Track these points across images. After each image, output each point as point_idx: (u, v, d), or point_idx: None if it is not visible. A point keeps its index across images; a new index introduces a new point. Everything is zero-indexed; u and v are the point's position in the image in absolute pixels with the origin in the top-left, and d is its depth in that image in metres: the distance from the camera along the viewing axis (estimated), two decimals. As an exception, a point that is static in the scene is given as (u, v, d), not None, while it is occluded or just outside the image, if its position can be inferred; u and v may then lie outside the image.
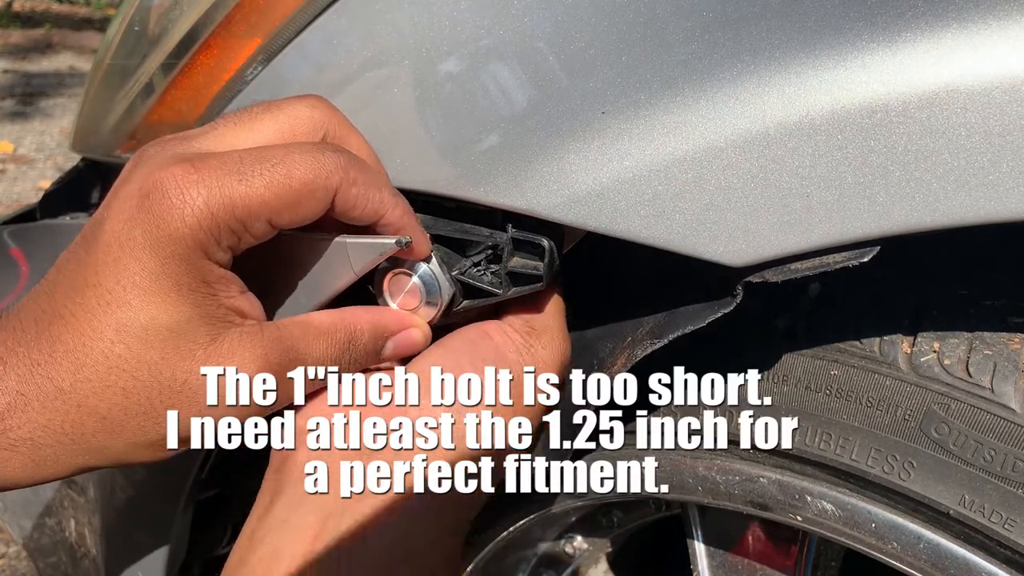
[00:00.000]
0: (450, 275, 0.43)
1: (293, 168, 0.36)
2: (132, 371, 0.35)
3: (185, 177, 0.34)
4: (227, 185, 0.35)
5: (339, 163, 0.37)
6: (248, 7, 0.48)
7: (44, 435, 0.35)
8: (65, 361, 0.35)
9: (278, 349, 0.38)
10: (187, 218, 0.34)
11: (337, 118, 0.41)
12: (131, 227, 0.34)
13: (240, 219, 0.35)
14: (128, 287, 0.34)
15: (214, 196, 0.34)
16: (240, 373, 0.36)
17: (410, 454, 0.39)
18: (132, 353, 0.35)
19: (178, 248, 0.34)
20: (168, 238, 0.34)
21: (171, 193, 0.34)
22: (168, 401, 0.36)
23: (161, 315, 0.35)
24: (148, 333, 0.35)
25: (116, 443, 0.36)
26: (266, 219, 0.36)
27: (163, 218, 0.34)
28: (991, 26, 0.31)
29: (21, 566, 1.44)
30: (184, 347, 0.35)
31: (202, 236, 0.35)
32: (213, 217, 0.35)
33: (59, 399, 0.35)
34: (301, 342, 0.39)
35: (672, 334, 0.42)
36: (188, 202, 0.34)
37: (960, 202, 0.33)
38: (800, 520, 0.47)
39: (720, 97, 0.36)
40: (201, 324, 0.36)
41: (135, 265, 0.34)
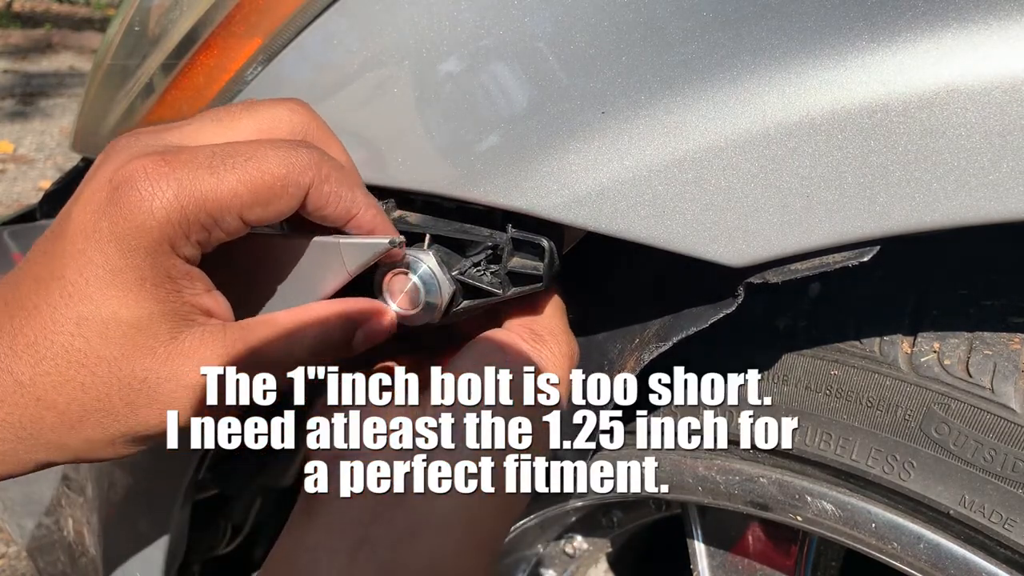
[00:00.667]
0: (450, 275, 0.43)
1: (265, 163, 0.36)
2: (91, 366, 0.34)
3: (156, 169, 0.34)
4: (198, 179, 0.34)
5: (312, 160, 0.37)
6: (248, 7, 0.48)
7: (3, 430, 0.35)
8: (25, 355, 0.34)
9: (242, 348, 0.37)
10: (155, 211, 0.33)
11: (316, 123, 0.41)
12: (98, 218, 0.34)
13: (211, 213, 0.35)
14: (91, 280, 0.34)
15: (184, 189, 0.34)
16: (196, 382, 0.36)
17: (410, 454, 0.39)
18: (92, 348, 0.34)
19: (143, 241, 0.34)
20: (134, 231, 0.33)
21: (140, 185, 0.33)
22: (127, 398, 0.35)
23: (122, 310, 0.34)
24: (108, 328, 0.34)
25: (75, 439, 0.36)
26: (237, 214, 0.35)
27: (131, 210, 0.33)
28: (991, 26, 0.31)
29: (21, 566, 1.44)
30: (144, 343, 0.35)
31: (170, 230, 0.34)
32: (183, 210, 0.34)
33: (18, 393, 0.34)
34: (265, 341, 0.38)
35: (676, 336, 0.42)
36: (157, 195, 0.33)
37: (960, 202, 0.33)
38: (800, 520, 0.47)
39: (720, 97, 0.36)
40: (163, 321, 0.35)
41: (99, 258, 0.34)
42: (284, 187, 0.36)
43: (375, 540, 0.38)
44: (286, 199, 0.37)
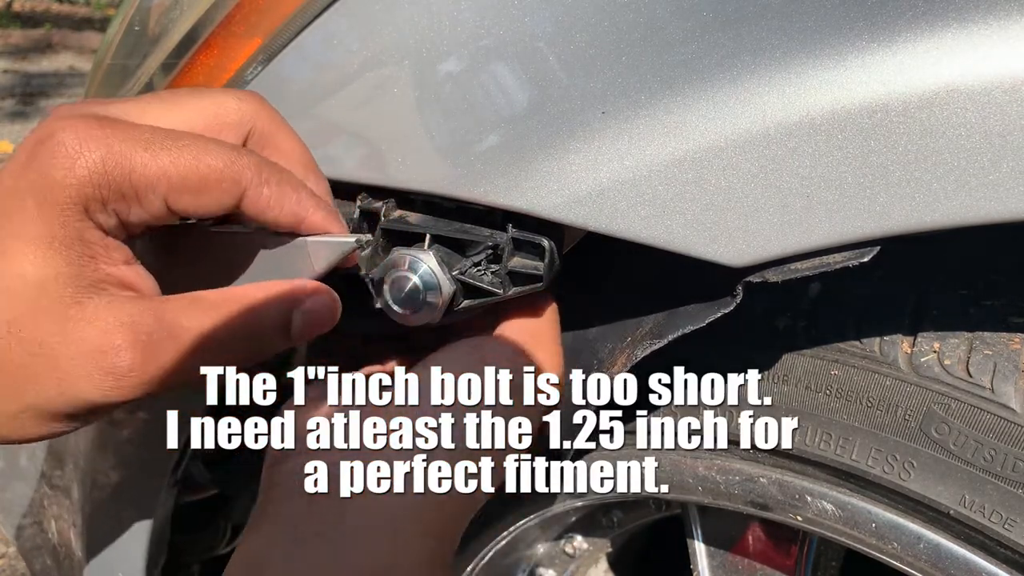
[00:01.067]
0: (450, 275, 0.43)
1: (203, 153, 0.35)
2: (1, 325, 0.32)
3: (87, 131, 0.33)
4: (130, 149, 0.33)
5: (252, 162, 0.36)
6: (248, 7, 0.48)
7: None
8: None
9: (150, 319, 0.34)
10: (77, 169, 0.33)
11: (267, 112, 0.40)
12: (21, 174, 0.33)
13: (134, 186, 0.34)
14: (5, 236, 0.33)
15: (113, 155, 0.33)
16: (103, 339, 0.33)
17: (410, 454, 0.39)
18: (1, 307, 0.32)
19: (59, 198, 0.32)
20: (53, 186, 0.32)
21: (67, 142, 0.33)
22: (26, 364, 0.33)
23: (28, 267, 0.33)
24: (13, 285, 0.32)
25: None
26: (163, 195, 0.35)
27: (53, 166, 0.32)
28: (991, 26, 0.31)
29: (21, 566, 1.44)
30: (46, 305, 0.33)
31: (88, 191, 0.33)
32: (106, 175, 0.33)
33: None
34: (184, 314, 0.35)
35: (672, 334, 0.42)
36: (83, 154, 0.33)
37: (960, 202, 0.33)
38: (800, 520, 0.47)
39: (720, 97, 0.36)
40: (68, 283, 0.33)
41: (16, 212, 0.33)
42: (217, 181, 0.35)
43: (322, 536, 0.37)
44: (218, 193, 0.36)
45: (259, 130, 0.39)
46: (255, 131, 0.39)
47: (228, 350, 0.36)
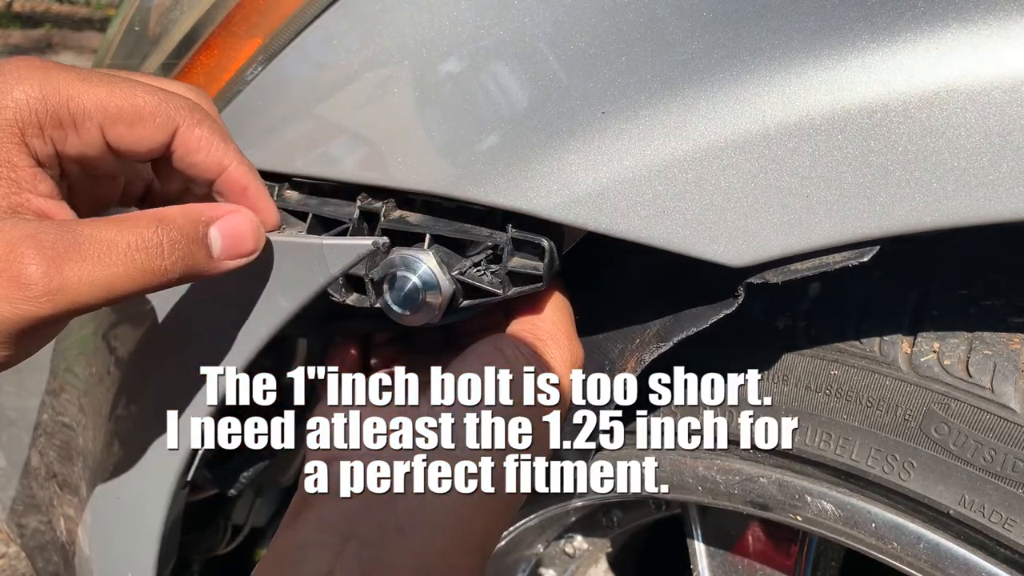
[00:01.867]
0: (450, 275, 0.43)
1: (139, 89, 0.37)
2: None
3: (29, 64, 0.35)
4: (68, 81, 0.35)
5: (187, 104, 0.38)
6: (248, 7, 0.48)
7: None
8: None
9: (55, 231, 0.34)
10: (16, 94, 0.34)
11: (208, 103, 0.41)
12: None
13: (72, 113, 0.35)
14: None
15: (50, 83, 0.34)
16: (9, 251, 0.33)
17: (410, 454, 0.39)
18: None
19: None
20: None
21: (9, 73, 0.34)
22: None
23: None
24: None
25: None
26: (98, 123, 0.36)
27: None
28: (991, 26, 0.31)
29: (21, 566, 1.44)
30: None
31: (25, 115, 0.34)
32: (44, 100, 0.34)
33: None
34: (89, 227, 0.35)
35: (677, 336, 0.42)
36: (24, 80, 0.34)
37: (960, 202, 0.33)
38: (800, 520, 0.47)
39: (720, 97, 0.36)
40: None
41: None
42: (152, 115, 0.36)
43: (362, 537, 0.37)
44: (152, 128, 0.37)
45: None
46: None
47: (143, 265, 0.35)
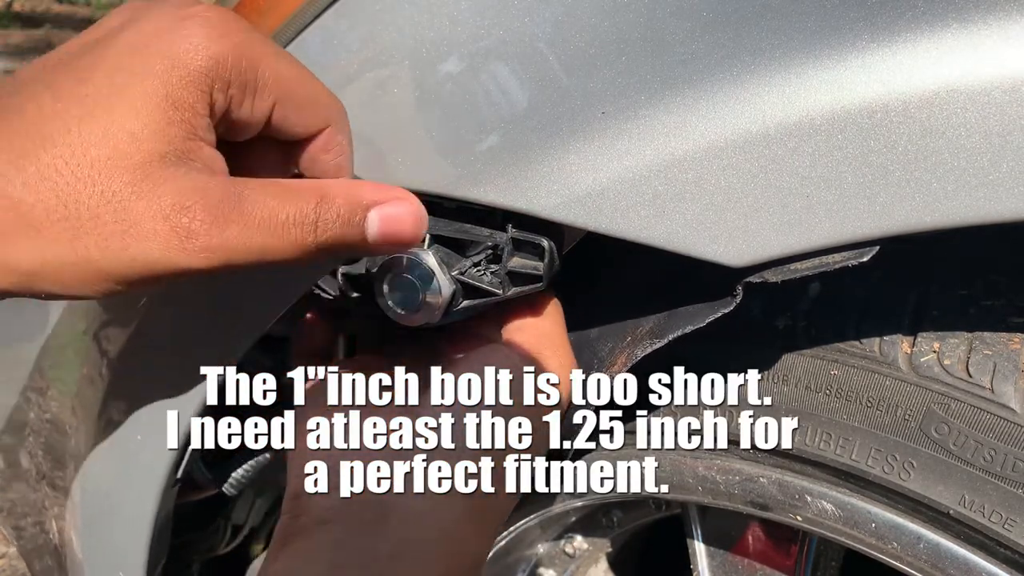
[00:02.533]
0: (450, 275, 0.43)
1: (314, 79, 0.38)
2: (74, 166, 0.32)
3: (234, 20, 0.35)
4: (263, 46, 0.35)
5: (341, 107, 0.39)
6: (248, 7, 0.48)
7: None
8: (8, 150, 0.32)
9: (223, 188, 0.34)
10: (218, 45, 0.33)
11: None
12: (153, 38, 0.33)
13: (257, 79, 0.35)
14: (117, 83, 0.33)
15: (249, 44, 0.34)
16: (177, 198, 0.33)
17: (410, 454, 0.39)
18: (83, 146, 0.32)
19: (191, 64, 0.33)
20: (187, 52, 0.33)
21: (215, 24, 0.34)
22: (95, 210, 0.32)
23: (131, 117, 0.32)
24: (110, 129, 0.32)
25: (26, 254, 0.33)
26: (274, 98, 0.36)
27: (194, 37, 0.33)
28: (991, 26, 0.31)
29: (21, 566, 1.44)
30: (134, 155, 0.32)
31: (220, 69, 0.34)
32: (239, 59, 0.34)
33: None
34: (256, 191, 0.35)
35: (672, 334, 0.42)
36: (227, 37, 0.34)
37: (960, 202, 0.33)
38: (800, 520, 0.47)
39: (720, 97, 0.36)
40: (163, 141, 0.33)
41: (138, 67, 0.33)
42: (318, 104, 0.38)
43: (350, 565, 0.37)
44: (313, 116, 0.37)
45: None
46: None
47: (296, 235, 0.35)
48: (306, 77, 0.37)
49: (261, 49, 0.35)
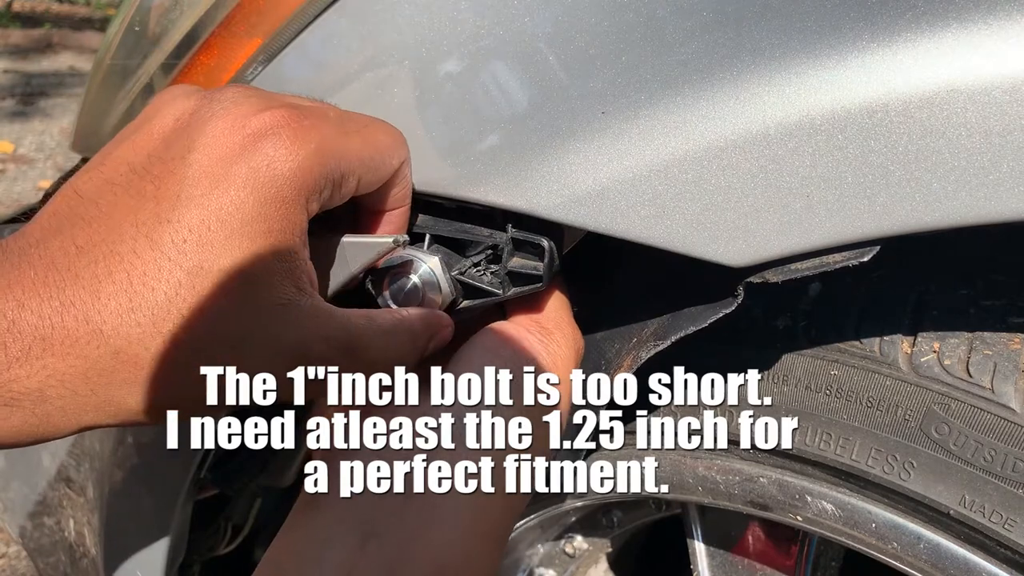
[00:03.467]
0: (450, 275, 0.43)
1: (378, 132, 0.38)
2: (192, 319, 0.31)
3: (298, 122, 0.33)
4: (332, 136, 0.34)
5: (403, 140, 0.40)
6: (248, 7, 0.48)
7: (58, 385, 0.31)
8: (113, 302, 0.31)
9: (345, 336, 0.35)
10: (302, 161, 0.33)
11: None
12: (231, 163, 0.32)
13: (342, 172, 0.35)
14: (214, 227, 0.31)
15: (325, 144, 0.34)
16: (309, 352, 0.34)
17: (410, 454, 0.39)
18: (199, 299, 0.31)
19: (283, 190, 0.32)
20: (276, 178, 0.32)
21: (285, 134, 0.33)
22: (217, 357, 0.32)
23: (243, 262, 0.32)
24: (224, 279, 0.31)
25: (139, 399, 0.32)
26: (358, 176, 0.36)
27: (276, 158, 0.32)
28: (991, 26, 0.31)
29: (21, 566, 1.44)
30: (257, 301, 0.32)
31: (310, 181, 0.33)
32: (324, 165, 0.34)
33: (93, 343, 0.31)
34: (366, 335, 0.37)
35: (675, 335, 0.42)
36: (303, 146, 0.33)
37: (960, 202, 0.33)
38: (800, 520, 0.47)
39: (720, 97, 0.36)
40: (280, 280, 0.33)
41: (230, 204, 0.32)
42: (389, 157, 0.38)
43: (383, 534, 0.37)
44: (386, 168, 0.38)
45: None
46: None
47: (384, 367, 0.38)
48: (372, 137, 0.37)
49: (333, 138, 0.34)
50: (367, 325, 0.37)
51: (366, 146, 0.36)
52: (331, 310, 0.36)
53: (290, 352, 0.34)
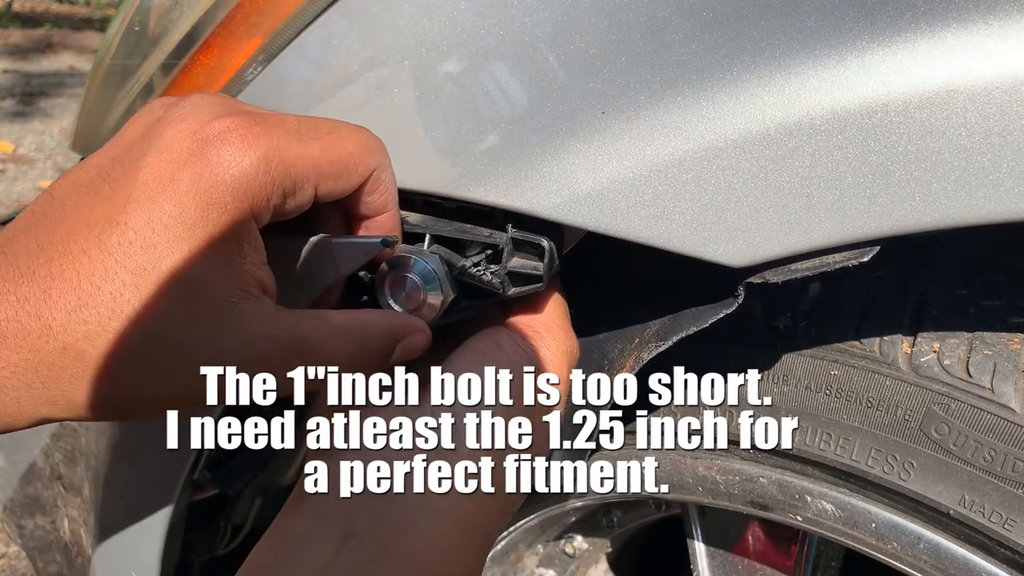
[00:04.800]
0: (451, 275, 0.43)
1: (343, 140, 0.37)
2: (136, 320, 0.32)
3: (248, 128, 0.34)
4: (286, 143, 0.34)
5: (379, 146, 0.39)
6: (248, 7, 0.48)
7: (12, 377, 0.32)
8: (62, 300, 0.32)
9: (291, 337, 0.36)
10: (246, 167, 0.33)
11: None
12: (177, 168, 0.33)
13: (293, 179, 0.35)
14: (158, 230, 0.32)
15: (274, 150, 0.34)
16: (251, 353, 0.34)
17: (410, 454, 0.39)
18: (143, 301, 0.32)
19: (226, 196, 0.33)
20: (219, 185, 0.33)
21: (233, 140, 0.33)
22: (158, 359, 0.33)
23: (183, 266, 0.32)
24: (165, 283, 0.32)
25: (89, 395, 0.33)
26: (314, 184, 0.36)
27: (220, 164, 0.33)
28: (991, 26, 0.31)
29: (21, 566, 1.44)
30: (198, 307, 0.33)
31: (255, 188, 0.33)
32: (270, 171, 0.34)
33: (43, 338, 0.32)
34: (315, 335, 0.37)
35: (676, 336, 0.42)
36: (249, 153, 0.33)
37: (960, 202, 0.33)
38: (800, 520, 0.47)
39: (720, 97, 0.36)
40: (224, 285, 0.33)
41: (173, 208, 0.32)
42: (355, 165, 0.37)
43: (363, 534, 0.37)
44: (354, 177, 0.37)
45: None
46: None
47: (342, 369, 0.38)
48: (335, 144, 0.37)
49: (286, 144, 0.34)
50: (317, 325, 0.37)
51: (325, 154, 0.36)
52: (279, 312, 0.36)
53: (232, 354, 0.34)
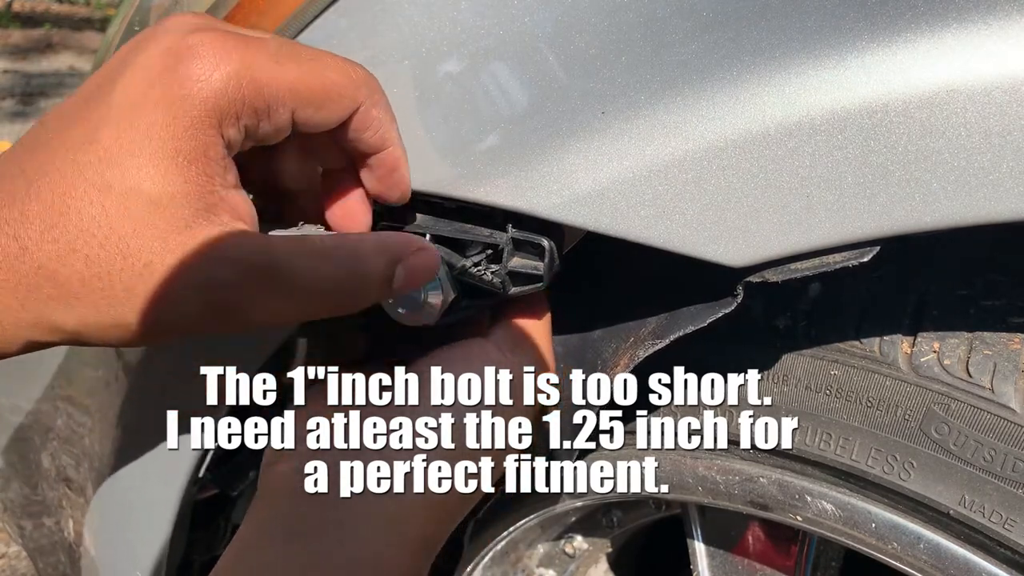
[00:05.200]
0: (451, 275, 0.43)
1: (326, 68, 0.36)
2: (101, 238, 0.31)
3: (222, 44, 0.33)
4: (261, 61, 0.33)
5: (368, 79, 0.37)
6: (248, 7, 0.48)
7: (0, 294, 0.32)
8: (37, 220, 0.32)
9: (261, 259, 0.33)
10: (214, 81, 0.32)
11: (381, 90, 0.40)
12: (149, 86, 0.32)
13: (266, 99, 0.34)
14: (125, 145, 0.32)
15: (246, 67, 0.33)
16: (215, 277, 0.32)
17: (410, 454, 0.39)
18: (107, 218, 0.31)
19: (192, 110, 0.32)
20: (185, 98, 0.32)
21: (203, 54, 0.32)
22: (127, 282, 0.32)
23: (146, 182, 0.32)
24: (128, 199, 0.31)
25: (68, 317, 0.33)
26: (291, 108, 0.35)
27: (187, 78, 0.32)
28: (991, 26, 0.31)
29: (21, 566, 1.44)
30: (158, 224, 0.32)
31: (223, 104, 0.32)
32: (240, 88, 0.33)
33: (20, 258, 0.32)
34: (294, 258, 0.34)
35: (674, 334, 0.42)
36: (220, 67, 0.32)
37: (960, 202, 0.33)
38: (800, 520, 0.47)
39: (720, 97, 0.36)
40: (185, 204, 0.32)
41: (142, 123, 0.32)
42: (339, 95, 0.36)
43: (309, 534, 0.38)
44: (337, 108, 0.36)
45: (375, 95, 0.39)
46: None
47: (330, 299, 0.36)
48: (316, 71, 0.35)
49: (261, 63, 0.33)
50: (294, 248, 0.34)
51: (303, 78, 0.35)
52: (249, 235, 0.34)
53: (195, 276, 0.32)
